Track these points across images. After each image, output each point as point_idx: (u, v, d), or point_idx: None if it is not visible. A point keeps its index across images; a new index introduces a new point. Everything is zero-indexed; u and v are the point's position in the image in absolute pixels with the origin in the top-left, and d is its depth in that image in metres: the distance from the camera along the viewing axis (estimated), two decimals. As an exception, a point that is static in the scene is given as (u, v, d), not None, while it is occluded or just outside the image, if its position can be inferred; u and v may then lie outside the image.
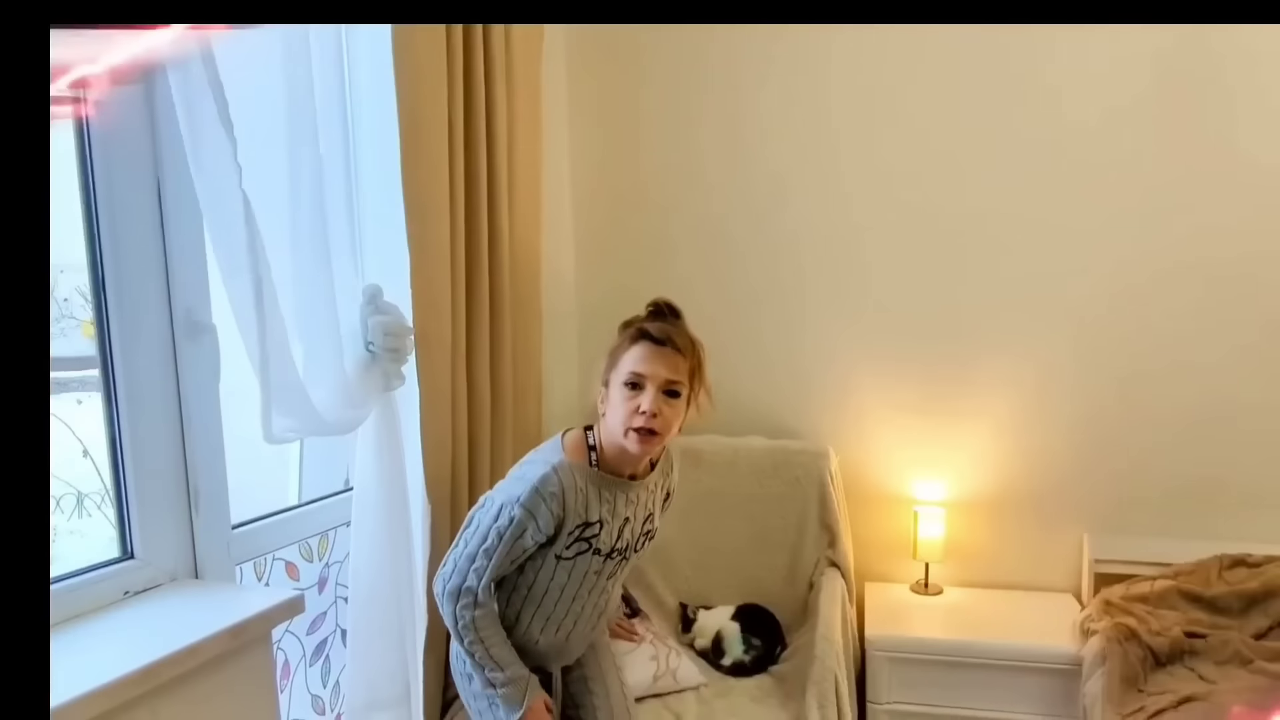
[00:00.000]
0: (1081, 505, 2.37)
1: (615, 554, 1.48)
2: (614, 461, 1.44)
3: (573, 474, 1.39)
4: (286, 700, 1.80)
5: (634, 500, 1.47)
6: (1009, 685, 2.05)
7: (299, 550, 1.83)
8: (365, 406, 1.55)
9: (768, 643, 2.01)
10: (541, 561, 1.44)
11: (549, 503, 1.37)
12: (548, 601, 1.49)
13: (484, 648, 1.41)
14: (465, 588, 1.40)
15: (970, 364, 2.41)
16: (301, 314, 1.43)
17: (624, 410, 1.37)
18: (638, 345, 1.39)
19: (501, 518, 1.38)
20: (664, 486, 1.58)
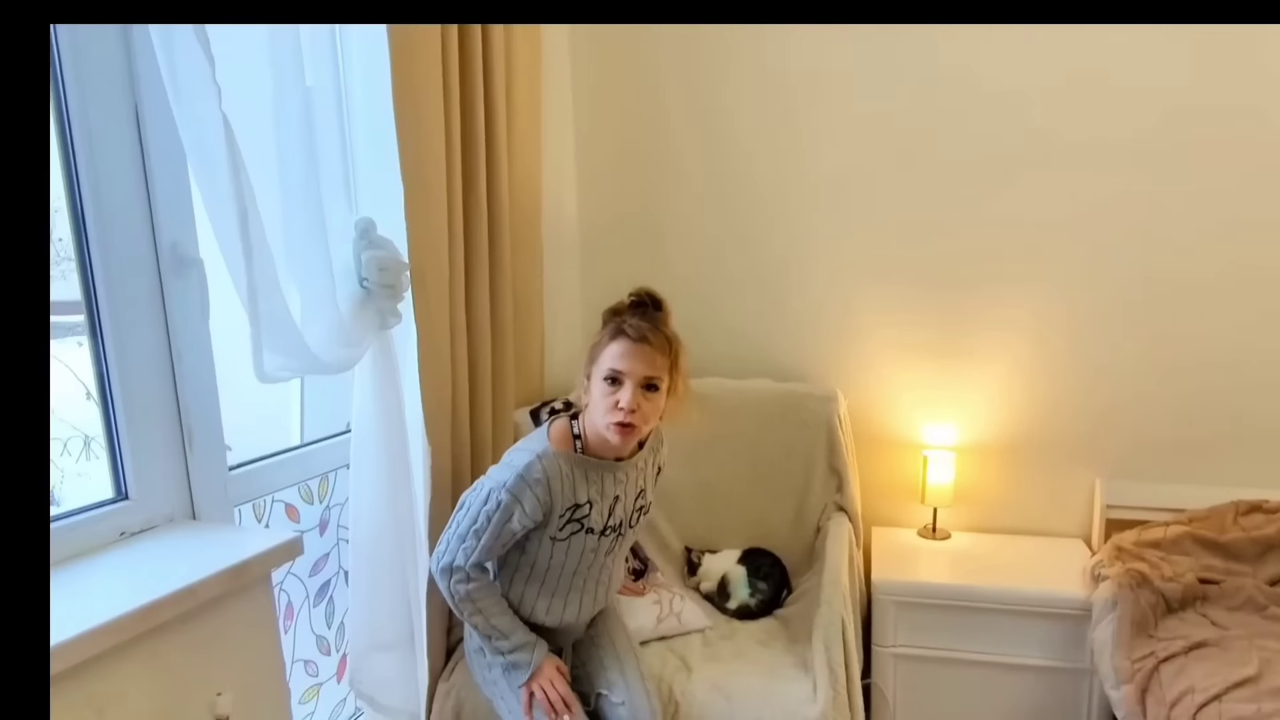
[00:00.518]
0: (1094, 450, 2.32)
1: (609, 531, 1.52)
2: (599, 447, 1.48)
3: (557, 461, 1.43)
4: (291, 641, 1.81)
5: (622, 480, 1.52)
6: (1016, 630, 2.04)
7: (299, 492, 1.81)
8: (360, 345, 1.51)
9: (773, 586, 1.99)
10: (538, 543, 1.48)
11: (534, 489, 1.41)
12: (550, 580, 1.53)
13: (484, 618, 1.48)
14: (455, 565, 1.46)
15: (983, 305, 2.34)
16: (291, 247, 1.37)
17: (604, 405, 1.41)
18: (616, 342, 1.42)
19: (490, 502, 1.43)
20: (654, 463, 1.62)
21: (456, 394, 1.80)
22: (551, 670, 1.52)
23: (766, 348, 2.52)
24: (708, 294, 2.54)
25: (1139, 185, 2.18)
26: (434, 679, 1.73)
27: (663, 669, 1.70)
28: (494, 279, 1.89)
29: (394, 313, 1.56)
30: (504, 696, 1.57)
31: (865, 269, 2.41)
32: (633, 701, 1.55)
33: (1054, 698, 2.03)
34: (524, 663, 1.50)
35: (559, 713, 1.48)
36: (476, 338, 1.85)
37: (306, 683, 1.86)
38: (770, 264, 2.48)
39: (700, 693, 1.63)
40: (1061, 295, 2.28)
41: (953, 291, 2.35)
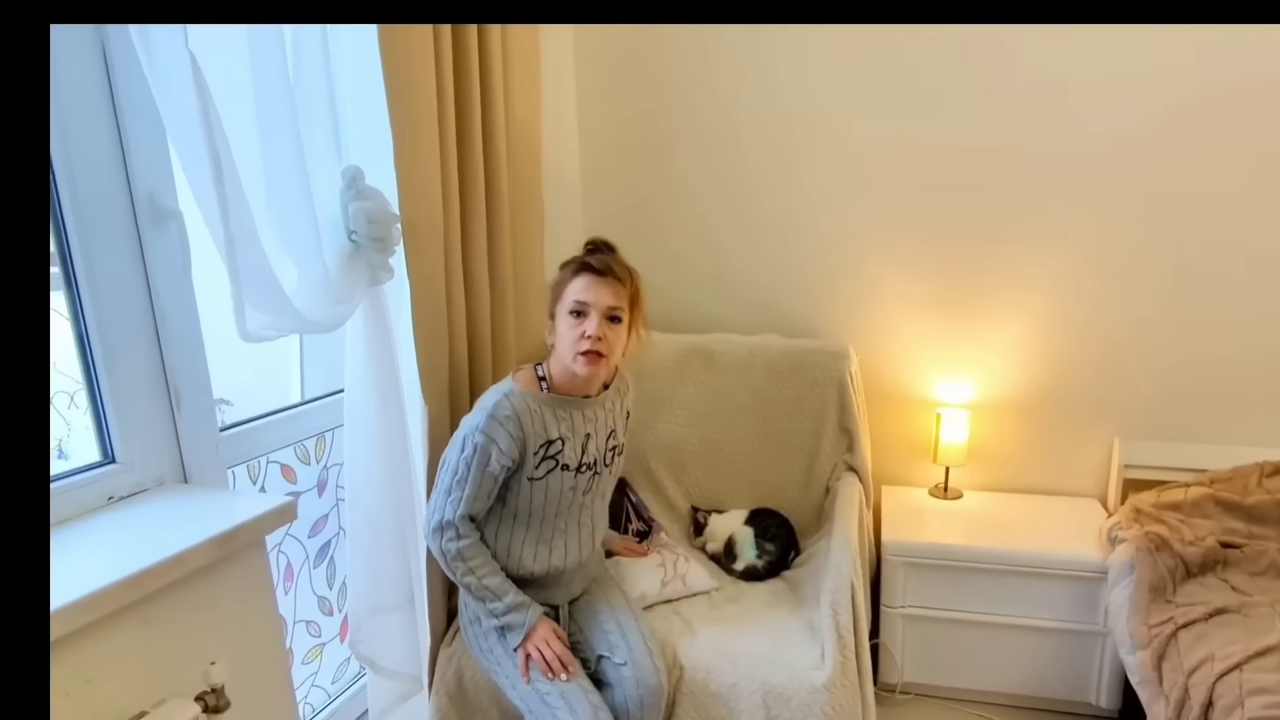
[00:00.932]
0: (1113, 407, 2.25)
1: (584, 468, 1.53)
2: (566, 386, 1.52)
3: (524, 399, 1.47)
4: (292, 603, 1.78)
5: (592, 418, 1.54)
6: (1028, 591, 2.00)
7: (295, 453, 1.77)
8: (350, 302, 1.43)
9: (781, 548, 1.95)
10: (517, 488, 1.49)
11: (506, 425, 1.44)
12: (533, 523, 1.53)
13: (476, 578, 1.46)
14: (445, 521, 1.46)
15: (1000, 259, 2.24)
16: (273, 198, 1.29)
17: (571, 336, 1.46)
18: (580, 277, 1.48)
19: (466, 448, 1.44)
20: (623, 406, 1.63)
21: (454, 353, 1.73)
22: (546, 631, 1.50)
23: (776, 302, 2.44)
24: (716, 247, 2.45)
25: (1166, 139, 2.06)
26: (435, 642, 1.71)
27: (667, 631, 1.66)
28: (492, 233, 1.81)
29: (385, 268, 1.49)
30: (500, 663, 1.54)
31: (880, 221, 2.30)
32: (636, 662, 1.53)
33: (1064, 660, 2.00)
34: (518, 624, 1.48)
35: (556, 672, 1.46)
36: (475, 294, 1.77)
37: (309, 643, 1.84)
38: (781, 215, 2.38)
39: (705, 656, 1.60)
40: (1083, 248, 2.18)
41: (970, 245, 2.25)
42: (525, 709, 1.49)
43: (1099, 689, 1.99)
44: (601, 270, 1.48)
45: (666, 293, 2.51)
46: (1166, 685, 1.51)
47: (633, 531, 2.04)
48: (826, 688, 1.50)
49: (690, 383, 2.24)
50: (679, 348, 2.26)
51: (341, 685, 1.93)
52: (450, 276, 1.66)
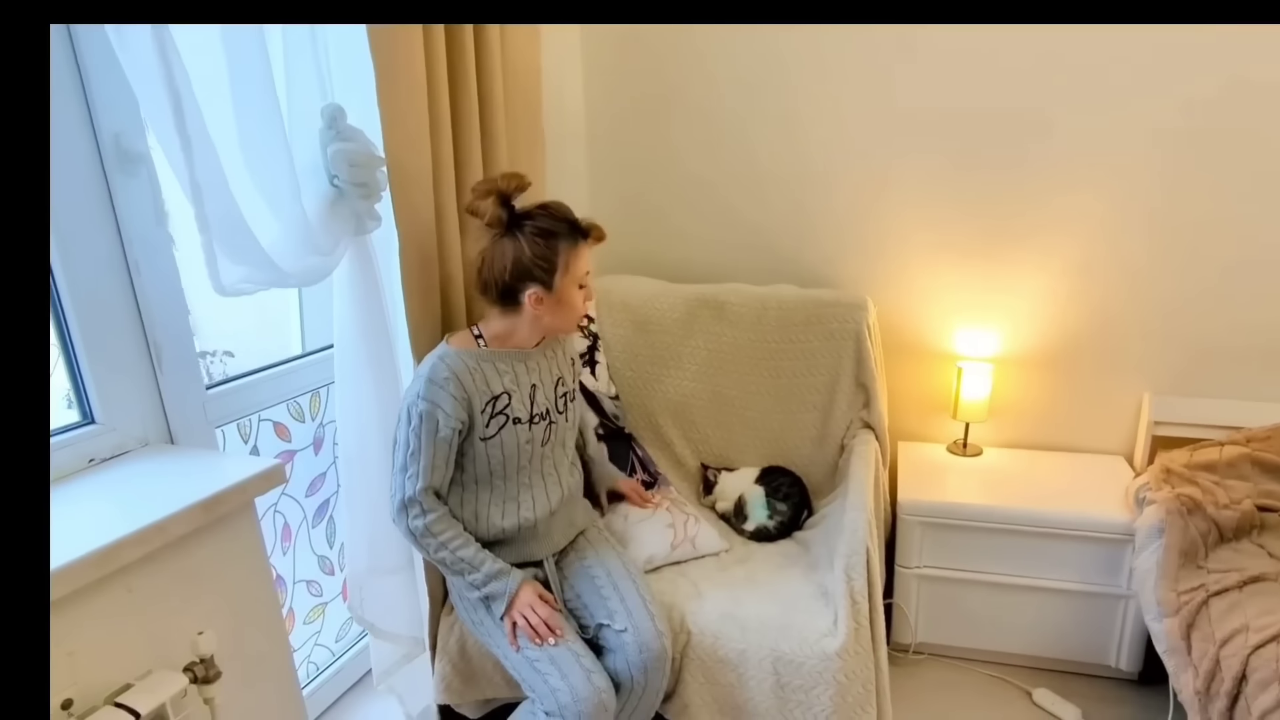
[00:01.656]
0: (1144, 361, 2.14)
1: (537, 419, 1.50)
2: (504, 341, 1.49)
3: (460, 358, 1.43)
4: (290, 563, 1.74)
5: (535, 368, 1.51)
6: (1048, 552, 1.93)
7: (288, 410, 1.70)
8: (334, 253, 1.34)
9: (793, 508, 1.88)
10: (472, 452, 1.45)
11: (446, 387, 1.40)
12: (496, 484, 1.49)
13: (449, 551, 1.42)
14: (407, 499, 1.41)
15: (1028, 203, 2.11)
16: (244, 138, 1.19)
17: (579, 308, 1.47)
18: (582, 245, 1.45)
19: (412, 419, 1.40)
20: (565, 353, 1.60)
21: (450, 305, 1.64)
22: (530, 595, 1.45)
23: (790, 249, 2.32)
24: (726, 191, 2.32)
25: (1208, 81, 1.90)
26: (436, 608, 1.66)
27: (674, 595, 1.61)
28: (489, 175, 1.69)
29: (371, 215, 1.39)
30: (490, 634, 1.50)
31: (901, 162, 2.17)
32: (636, 626, 1.47)
33: (1084, 622, 1.94)
34: (499, 592, 1.44)
35: (543, 637, 1.42)
36: (472, 242, 1.67)
37: (310, 603, 1.81)
38: (796, 157, 2.24)
39: (712, 621, 1.54)
40: (1117, 194, 2.04)
41: (998, 189, 2.12)
42: (519, 678, 1.45)
43: (1119, 651, 1.93)
44: (602, 238, 1.48)
45: (675, 240, 2.39)
46: (1196, 655, 1.44)
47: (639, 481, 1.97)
48: (839, 655, 1.45)
49: (699, 335, 2.14)
50: (688, 299, 2.16)
51: (345, 644, 1.91)
52: (443, 225, 1.56)
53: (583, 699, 1.37)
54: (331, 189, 1.35)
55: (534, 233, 1.40)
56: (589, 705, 1.37)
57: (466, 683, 1.65)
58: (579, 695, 1.37)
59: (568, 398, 1.59)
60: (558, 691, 1.38)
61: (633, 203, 2.39)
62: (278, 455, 1.68)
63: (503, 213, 1.41)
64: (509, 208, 1.42)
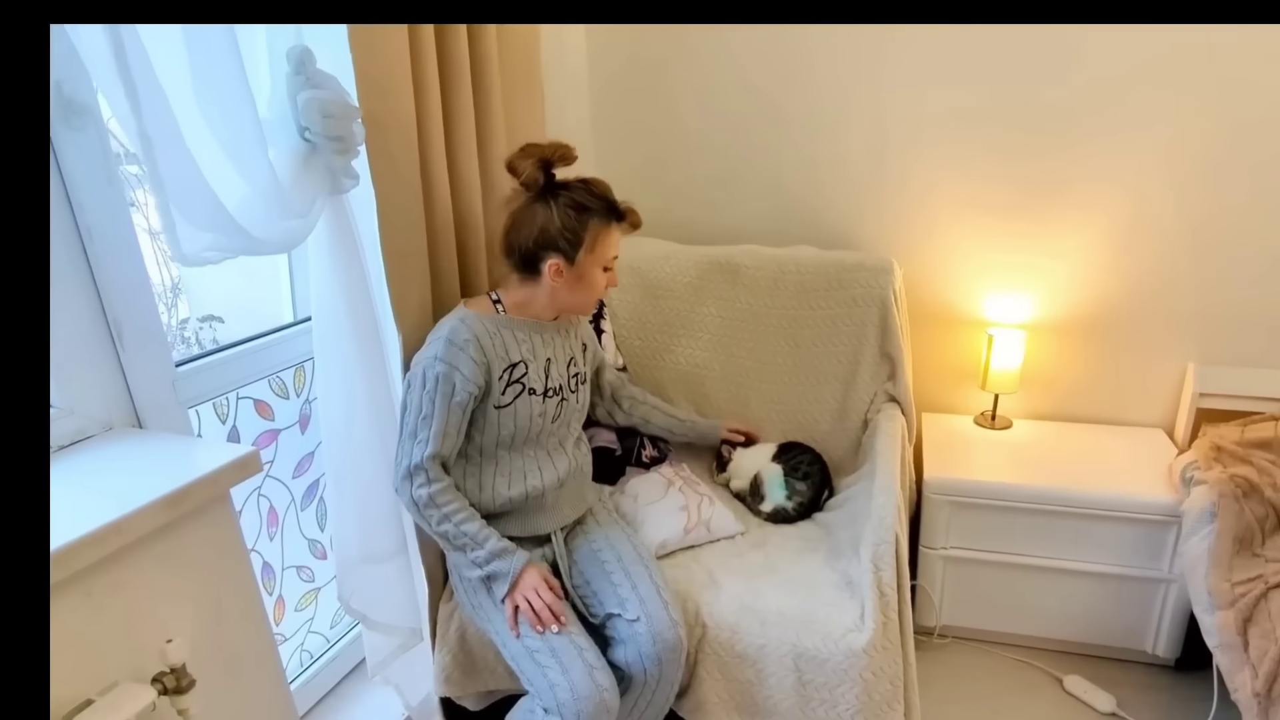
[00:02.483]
0: (1189, 327, 2.00)
1: (550, 393, 1.45)
2: (522, 310, 1.45)
3: (481, 321, 1.39)
4: (279, 549, 1.64)
5: (549, 342, 1.47)
6: (1084, 534, 1.81)
7: (270, 386, 1.58)
8: (308, 215, 1.20)
9: (813, 488, 1.76)
10: (483, 420, 1.40)
11: (466, 349, 1.35)
12: (501, 454, 1.43)
13: (453, 524, 1.35)
14: (414, 466, 1.35)
15: (1068, 154, 1.94)
16: (200, 84, 1.04)
17: (599, 285, 1.43)
18: (615, 228, 1.41)
19: (427, 382, 1.34)
20: (577, 335, 1.56)
21: (439, 270, 1.50)
22: (535, 578, 1.36)
23: (808, 207, 2.16)
24: (738, 145, 2.16)
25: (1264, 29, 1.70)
26: (435, 594, 1.56)
27: (688, 584, 1.50)
28: (482, 130, 1.54)
29: (348, 172, 1.24)
30: (490, 619, 1.40)
31: (926, 111, 2.00)
32: (650, 616, 1.37)
33: (1120, 606, 1.83)
34: (502, 572, 1.35)
35: (545, 624, 1.32)
36: (463, 202, 1.52)
37: (301, 589, 1.71)
38: (812, 108, 2.07)
39: (729, 613, 1.44)
40: (1163, 148, 1.88)
41: (1033, 138, 1.95)
42: (517, 669, 1.35)
43: (1157, 637, 1.83)
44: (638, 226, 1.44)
45: (684, 197, 2.23)
46: (1254, 654, 1.33)
47: (646, 457, 1.86)
48: (866, 651, 1.34)
49: (712, 301, 2.00)
50: (699, 261, 2.01)
51: (341, 629, 1.81)
52: (430, 183, 1.42)
53: (583, 697, 1.27)
54: (303, 143, 1.20)
55: (568, 204, 1.36)
56: (589, 704, 1.27)
57: (467, 674, 1.56)
58: (579, 693, 1.27)
59: (579, 379, 1.53)
60: (556, 687, 1.28)
61: (639, 158, 2.23)
62: (260, 435, 1.57)
63: (540, 176, 1.37)
64: (549, 174, 1.38)
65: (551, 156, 1.36)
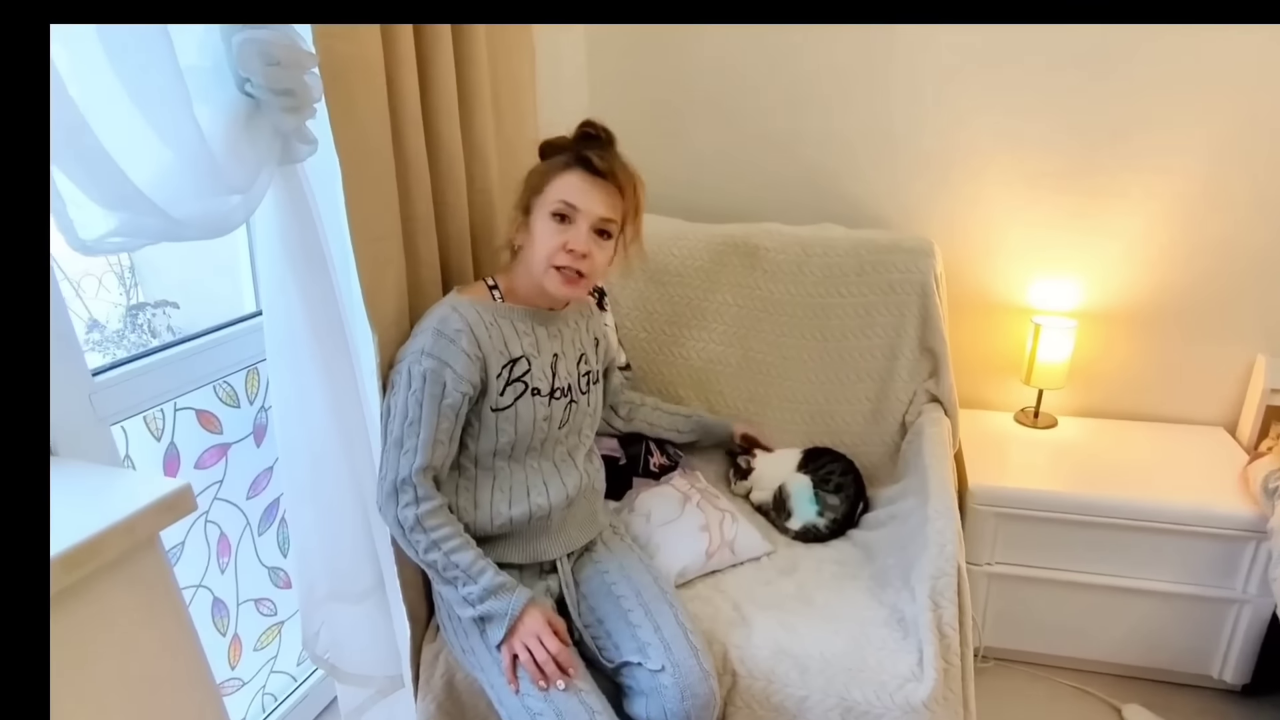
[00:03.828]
0: (1260, 318, 1.80)
1: (558, 394, 1.26)
2: (525, 297, 1.26)
3: (475, 309, 1.20)
4: (232, 582, 1.41)
5: (556, 335, 1.29)
6: (1146, 549, 1.62)
7: (216, 393, 1.34)
8: (251, 189, 0.95)
9: (847, 501, 1.55)
10: (479, 424, 1.21)
11: (458, 341, 1.16)
12: (500, 465, 1.24)
13: (442, 553, 1.14)
14: (400, 481, 1.14)
15: (1126, 124, 1.73)
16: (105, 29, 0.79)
17: (550, 245, 1.19)
18: (572, 173, 1.19)
19: (413, 381, 1.15)
20: (589, 329, 1.37)
21: (416, 253, 1.27)
22: (538, 622, 1.14)
23: (834, 180, 1.94)
24: (753, 107, 1.92)
25: None
26: (418, 633, 1.33)
27: (713, 621, 1.29)
28: (464, 85, 1.29)
29: (303, 135, 1.00)
30: (484, 667, 1.19)
31: (966, 73, 1.77)
32: (678, 665, 1.15)
33: (1184, 628, 1.65)
34: (499, 613, 1.13)
35: (550, 679, 1.11)
36: (442, 170, 1.28)
37: (261, 625, 1.48)
38: (836, 68, 1.84)
39: (764, 659, 1.23)
40: (1236, 112, 1.67)
41: (1087, 105, 1.74)
42: None
43: (1225, 662, 1.65)
44: (602, 172, 1.19)
45: (695, 169, 2.00)
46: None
47: (655, 466, 1.65)
48: (927, 705, 1.14)
49: (728, 287, 1.78)
50: (713, 242, 1.78)
51: (310, 665, 1.59)
52: (404, 146, 1.17)
53: None
54: (243, 99, 0.95)
55: (541, 151, 1.23)
56: None
57: (455, 727, 1.34)
58: None
59: (590, 378, 1.34)
60: None
61: (642, 123, 1.98)
62: (205, 452, 1.33)
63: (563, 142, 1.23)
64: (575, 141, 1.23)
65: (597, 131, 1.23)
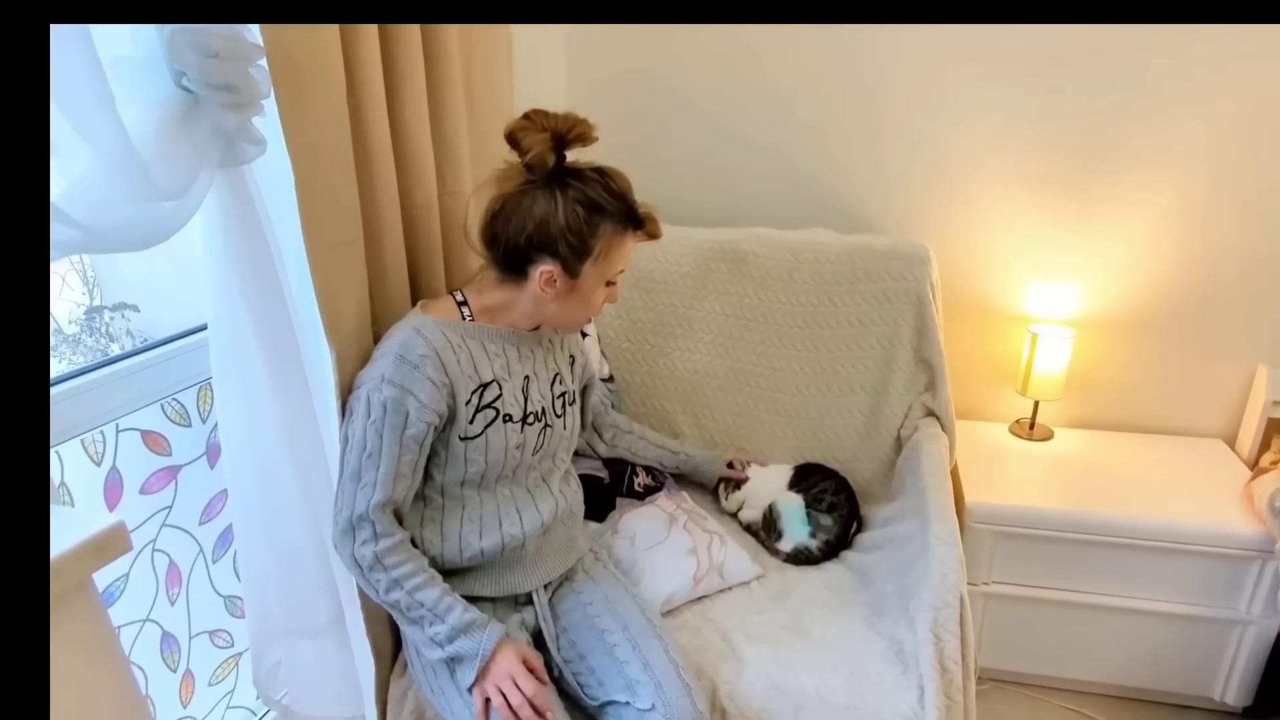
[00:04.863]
0: (1261, 327, 1.76)
1: (530, 419, 1.18)
2: (494, 316, 1.17)
3: (441, 332, 1.11)
4: (184, 614, 1.31)
5: (529, 355, 1.20)
6: (1147, 568, 1.57)
7: (164, 411, 1.23)
8: (187, 196, 0.85)
9: (841, 521, 1.48)
10: (447, 454, 1.12)
11: (423, 368, 1.07)
12: (469, 494, 1.15)
13: (404, 592, 1.06)
14: (357, 518, 1.06)
15: (1126, 125, 1.68)
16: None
17: (595, 308, 1.17)
18: (631, 237, 1.13)
19: (372, 410, 1.06)
20: (564, 346, 1.29)
21: (381, 263, 1.18)
22: (511, 662, 1.06)
23: (824, 183, 1.87)
24: (741, 107, 1.85)
25: None
26: (383, 670, 1.24)
27: (701, 653, 1.21)
28: (434, 80, 1.20)
29: (248, 135, 0.90)
30: (454, 709, 1.11)
31: (961, 70, 1.71)
32: (670, 705, 1.07)
33: (1186, 649, 1.60)
34: (469, 653, 1.05)
35: None
36: (410, 171, 1.19)
37: (216, 659, 1.38)
38: (826, 65, 1.76)
39: (756, 695, 1.15)
40: (1240, 113, 1.62)
41: (1086, 105, 1.68)
42: None
43: (1227, 684, 1.60)
44: (658, 236, 1.16)
45: (678, 170, 1.92)
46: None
47: (640, 486, 1.57)
48: (929, 746, 1.07)
49: (715, 295, 1.70)
50: (698, 248, 1.70)
51: (269, 697, 1.49)
52: (367, 146, 1.08)
53: None
54: (180, 94, 0.85)
55: (578, 200, 1.07)
56: None
57: (424, 770, 1.25)
58: None
59: (566, 399, 1.25)
60: None
61: (624, 121, 1.90)
62: (152, 476, 1.22)
63: (551, 157, 1.07)
64: (561, 155, 1.08)
65: (567, 133, 1.06)
